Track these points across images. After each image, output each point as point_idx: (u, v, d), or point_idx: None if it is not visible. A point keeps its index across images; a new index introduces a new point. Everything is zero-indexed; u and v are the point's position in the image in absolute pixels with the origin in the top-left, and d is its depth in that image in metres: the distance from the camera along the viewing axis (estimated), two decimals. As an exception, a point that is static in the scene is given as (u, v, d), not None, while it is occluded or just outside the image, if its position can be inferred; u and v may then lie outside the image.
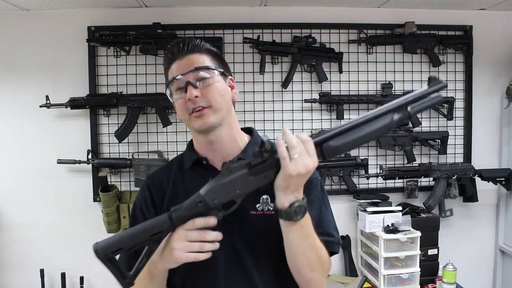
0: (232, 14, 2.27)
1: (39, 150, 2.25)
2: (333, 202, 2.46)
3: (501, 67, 2.44)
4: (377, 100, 2.30)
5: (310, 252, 0.94)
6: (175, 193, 1.05)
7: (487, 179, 2.33)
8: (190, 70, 0.98)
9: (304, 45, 2.25)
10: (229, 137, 1.04)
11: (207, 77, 0.99)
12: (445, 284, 2.15)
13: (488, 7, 2.35)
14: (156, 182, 1.10)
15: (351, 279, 2.24)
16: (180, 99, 0.99)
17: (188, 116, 0.99)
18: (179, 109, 1.01)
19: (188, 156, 1.09)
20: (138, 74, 2.25)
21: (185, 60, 0.99)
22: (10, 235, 2.27)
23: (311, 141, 0.85)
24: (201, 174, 1.02)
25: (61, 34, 2.23)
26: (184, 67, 0.99)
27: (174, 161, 1.15)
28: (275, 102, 2.32)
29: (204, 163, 1.06)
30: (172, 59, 1.01)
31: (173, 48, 1.01)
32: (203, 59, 1.00)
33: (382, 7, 2.33)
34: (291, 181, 0.84)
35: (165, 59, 1.04)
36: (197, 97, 0.96)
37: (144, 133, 2.26)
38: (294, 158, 0.83)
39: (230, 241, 0.99)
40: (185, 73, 0.98)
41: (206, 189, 0.86)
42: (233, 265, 1.00)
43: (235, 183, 0.86)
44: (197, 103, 0.96)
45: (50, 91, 2.18)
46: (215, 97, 0.98)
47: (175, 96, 1.01)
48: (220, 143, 1.03)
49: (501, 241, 2.48)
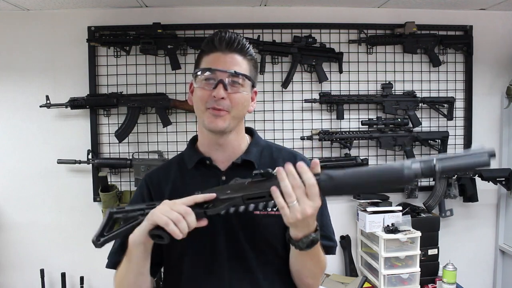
0: (232, 14, 2.27)
1: (39, 150, 2.25)
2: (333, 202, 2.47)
3: (501, 67, 2.43)
4: (377, 100, 2.30)
5: (314, 266, 0.98)
6: (175, 194, 1.04)
7: (487, 179, 2.33)
8: (230, 72, 0.97)
9: (304, 45, 2.24)
10: (235, 141, 1.06)
11: (240, 84, 0.99)
12: (445, 284, 2.15)
13: (488, 7, 2.35)
14: (154, 181, 1.10)
15: (351, 279, 2.24)
16: (204, 90, 0.98)
17: (203, 108, 0.99)
18: (197, 98, 1.00)
19: (191, 155, 1.09)
20: (138, 74, 2.25)
21: (229, 58, 0.99)
22: (10, 235, 2.27)
23: (315, 185, 0.82)
24: (204, 174, 1.03)
25: (61, 34, 2.23)
26: (225, 63, 0.98)
27: (172, 161, 1.14)
28: (275, 102, 2.32)
29: (207, 163, 1.05)
30: (216, 48, 0.99)
31: (222, 38, 0.99)
32: (245, 65, 1.01)
33: (382, 7, 2.33)
34: (297, 224, 0.84)
35: (208, 44, 1.01)
36: (223, 99, 0.96)
37: (144, 133, 2.26)
38: (291, 206, 0.82)
39: (234, 240, 1.00)
40: (224, 70, 0.97)
41: None
42: (237, 264, 1.01)
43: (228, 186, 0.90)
44: (220, 104, 0.97)
45: (50, 91, 2.18)
46: (238, 106, 0.99)
47: (199, 82, 1.00)
48: (226, 146, 1.04)
49: (501, 241, 2.48)
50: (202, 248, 1.00)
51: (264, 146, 1.11)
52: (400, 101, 2.31)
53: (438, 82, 2.40)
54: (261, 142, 1.13)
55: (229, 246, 1.00)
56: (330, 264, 2.37)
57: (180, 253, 1.03)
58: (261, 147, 1.10)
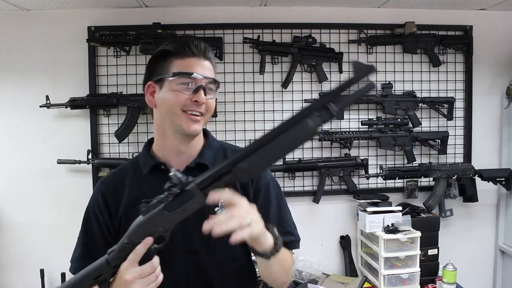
0: (232, 14, 2.27)
1: (39, 150, 2.24)
2: (333, 202, 2.48)
3: (501, 67, 2.43)
4: (377, 100, 2.30)
5: (282, 266, 1.00)
6: (132, 198, 1.04)
7: (487, 179, 2.33)
8: (210, 78, 1.01)
9: (304, 45, 2.24)
10: (195, 145, 1.08)
11: (213, 90, 1.04)
12: (445, 284, 2.15)
13: (488, 7, 2.35)
14: (110, 187, 1.09)
15: (351, 279, 2.24)
16: (181, 93, 0.99)
17: (180, 112, 0.99)
18: (171, 101, 1.00)
19: (145, 160, 1.09)
20: (138, 74, 2.24)
21: (206, 64, 1.03)
22: (10, 235, 2.27)
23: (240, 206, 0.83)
24: (160, 180, 0.97)
25: (61, 34, 2.23)
26: (203, 70, 1.01)
27: (128, 165, 1.14)
28: (275, 102, 2.32)
29: (162, 168, 1.06)
30: (193, 53, 1.01)
31: (198, 44, 1.02)
32: (213, 71, 1.05)
33: (382, 7, 2.33)
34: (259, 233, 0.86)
35: (182, 48, 1.02)
36: (203, 103, 1.00)
37: (144, 133, 2.26)
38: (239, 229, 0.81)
39: (190, 244, 1.02)
40: (207, 77, 1.01)
41: (130, 231, 0.87)
42: (194, 268, 1.03)
43: (154, 221, 0.85)
44: (200, 108, 1.00)
45: (50, 91, 2.18)
46: (211, 110, 1.04)
47: (173, 85, 1.00)
48: (187, 150, 1.06)
49: (501, 241, 2.48)
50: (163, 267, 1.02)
51: (218, 148, 1.12)
52: (400, 101, 2.31)
53: (438, 82, 2.40)
54: (215, 144, 1.13)
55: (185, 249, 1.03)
56: (330, 264, 2.37)
57: None
58: (215, 149, 1.11)
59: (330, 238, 2.37)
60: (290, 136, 0.78)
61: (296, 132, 0.78)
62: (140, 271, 0.85)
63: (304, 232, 1.22)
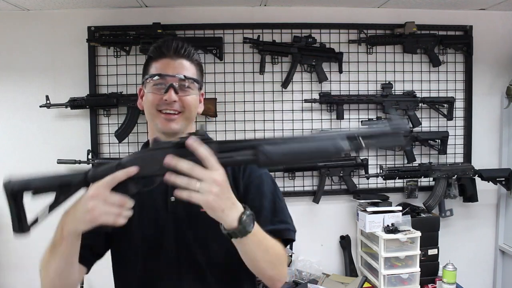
0: (232, 14, 2.27)
1: (39, 150, 2.24)
2: (333, 202, 2.47)
3: (501, 67, 2.43)
4: (377, 100, 2.30)
5: (267, 255, 0.94)
6: None
7: (487, 179, 2.33)
8: (179, 77, 1.02)
9: (304, 45, 2.24)
10: None
11: (189, 88, 1.04)
12: (445, 284, 2.15)
13: (488, 7, 2.35)
14: None
15: (351, 279, 2.24)
16: (154, 94, 1.03)
17: (155, 112, 1.03)
18: (148, 102, 1.04)
19: None
20: (138, 74, 2.24)
21: (177, 63, 1.04)
22: (10, 235, 2.25)
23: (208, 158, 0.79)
24: None
25: (61, 34, 2.23)
26: (174, 69, 1.03)
27: None
28: (275, 102, 2.32)
29: None
30: (164, 54, 1.04)
31: (169, 44, 1.05)
32: (193, 70, 1.06)
33: (382, 7, 2.33)
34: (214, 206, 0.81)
35: (156, 50, 1.06)
36: (175, 102, 1.01)
37: (144, 133, 2.26)
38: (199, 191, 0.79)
39: (181, 237, 1.02)
40: (173, 75, 1.02)
41: (129, 158, 0.86)
42: (185, 261, 1.03)
43: (157, 157, 0.82)
44: (173, 106, 1.02)
45: (50, 91, 2.18)
46: (189, 107, 1.04)
47: (149, 87, 1.05)
48: None
49: (501, 241, 2.48)
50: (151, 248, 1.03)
51: None
52: (400, 101, 2.31)
53: (438, 82, 2.40)
54: None
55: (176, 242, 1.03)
56: (330, 264, 2.37)
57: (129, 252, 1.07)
58: None
59: (330, 238, 2.38)
60: (319, 144, 0.82)
61: (325, 144, 0.82)
62: (106, 195, 0.81)
63: (304, 232, 1.22)
